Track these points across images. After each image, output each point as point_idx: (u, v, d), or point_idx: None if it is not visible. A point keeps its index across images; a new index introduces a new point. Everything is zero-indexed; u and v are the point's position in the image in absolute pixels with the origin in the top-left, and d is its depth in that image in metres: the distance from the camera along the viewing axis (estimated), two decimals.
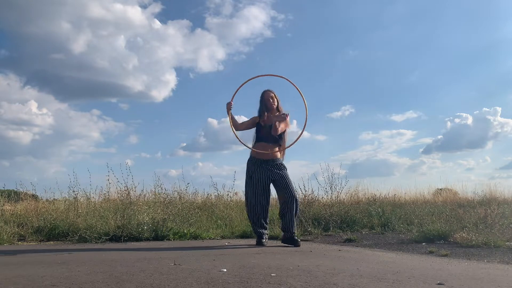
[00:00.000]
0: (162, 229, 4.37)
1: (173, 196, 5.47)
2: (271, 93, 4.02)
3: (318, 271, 2.28)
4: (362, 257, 3.06)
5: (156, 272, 2.24)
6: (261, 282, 1.96)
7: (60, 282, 1.94)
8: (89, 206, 4.89)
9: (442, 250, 3.36)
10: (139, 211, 4.46)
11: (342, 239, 4.46)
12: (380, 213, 5.95)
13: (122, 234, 4.14)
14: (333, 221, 5.40)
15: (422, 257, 3.14)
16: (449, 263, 2.79)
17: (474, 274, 2.31)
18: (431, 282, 1.99)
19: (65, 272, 2.25)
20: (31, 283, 1.92)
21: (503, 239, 3.71)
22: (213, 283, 1.92)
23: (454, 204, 6.92)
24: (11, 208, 5.19)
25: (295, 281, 1.98)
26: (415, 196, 8.38)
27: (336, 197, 5.97)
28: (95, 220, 4.33)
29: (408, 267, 2.52)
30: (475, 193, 8.26)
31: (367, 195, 7.14)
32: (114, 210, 4.56)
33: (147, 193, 5.37)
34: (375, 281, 2.00)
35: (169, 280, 1.99)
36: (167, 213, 4.62)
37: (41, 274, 2.17)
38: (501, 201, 6.95)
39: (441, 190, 9.07)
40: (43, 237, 4.36)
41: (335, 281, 1.98)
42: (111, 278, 2.04)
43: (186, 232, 4.52)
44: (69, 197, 5.06)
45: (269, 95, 3.99)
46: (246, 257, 2.96)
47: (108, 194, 5.15)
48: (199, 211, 5.31)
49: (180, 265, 2.49)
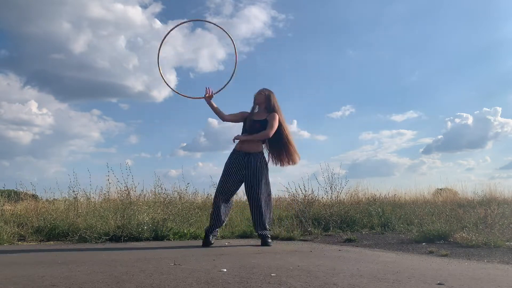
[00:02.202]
0: (162, 229, 4.37)
1: (173, 196, 5.46)
2: (264, 91, 4.01)
3: (318, 271, 2.28)
4: (362, 257, 3.06)
5: (156, 272, 2.24)
6: (261, 282, 1.96)
7: (60, 282, 1.94)
8: (89, 206, 4.88)
9: (442, 250, 3.36)
10: (139, 211, 4.45)
11: (342, 239, 4.45)
12: (380, 213, 5.95)
13: (122, 234, 4.14)
14: (333, 221, 5.39)
15: (422, 257, 3.14)
16: (449, 263, 2.79)
17: (474, 274, 2.31)
18: (431, 282, 1.99)
19: (65, 272, 2.25)
20: (31, 283, 1.92)
21: (503, 239, 3.71)
22: (213, 283, 1.92)
23: (454, 204, 6.92)
24: (11, 208, 5.19)
25: (295, 281, 1.98)
26: (415, 196, 8.38)
27: (336, 197, 5.96)
28: (95, 220, 4.33)
29: (408, 267, 2.52)
30: (475, 193, 8.26)
31: (367, 195, 7.14)
32: (114, 210, 4.56)
33: (147, 193, 5.37)
34: (375, 281, 2.00)
35: (169, 280, 1.99)
36: (167, 213, 4.62)
37: (41, 274, 2.17)
38: (501, 201, 6.95)
39: (441, 190, 9.07)
40: (43, 237, 4.36)
41: (335, 281, 1.98)
42: (111, 278, 2.04)
43: (186, 232, 4.52)
44: (69, 197, 5.06)
45: (259, 92, 4.02)
46: (246, 257, 2.96)
47: (108, 194, 5.15)
48: (199, 211, 5.31)
49: (180, 265, 2.49)
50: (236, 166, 3.85)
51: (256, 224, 3.89)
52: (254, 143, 3.90)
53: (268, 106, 3.98)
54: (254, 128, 3.89)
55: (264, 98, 3.99)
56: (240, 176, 3.85)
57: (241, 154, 3.88)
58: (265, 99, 3.98)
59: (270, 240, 3.88)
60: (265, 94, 4.00)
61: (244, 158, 3.86)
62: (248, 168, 3.83)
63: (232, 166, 3.86)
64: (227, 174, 3.86)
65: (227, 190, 3.84)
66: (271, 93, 4.03)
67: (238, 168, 3.84)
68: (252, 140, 3.88)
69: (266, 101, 3.98)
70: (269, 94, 4.00)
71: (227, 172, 3.87)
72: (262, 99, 4.00)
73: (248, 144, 3.88)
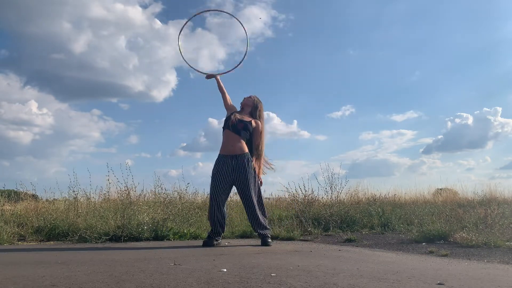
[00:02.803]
0: (162, 229, 4.37)
1: (173, 196, 5.46)
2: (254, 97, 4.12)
3: (318, 271, 2.28)
4: (362, 257, 3.06)
5: (156, 272, 2.24)
6: (261, 282, 1.96)
7: (60, 282, 1.94)
8: (89, 206, 4.89)
9: (442, 250, 3.36)
10: (139, 211, 4.46)
11: (342, 239, 4.45)
12: (380, 213, 5.95)
13: (122, 234, 4.14)
14: (333, 221, 5.40)
15: (422, 257, 3.14)
16: (449, 263, 2.79)
17: (474, 274, 2.31)
18: (431, 282, 1.99)
19: (65, 272, 2.25)
20: (31, 283, 1.92)
21: (503, 239, 3.71)
22: (213, 283, 1.92)
23: (454, 204, 6.93)
24: (11, 208, 5.19)
25: (295, 281, 1.98)
26: (415, 196, 8.39)
27: (336, 197, 5.97)
28: (95, 220, 4.34)
29: (408, 267, 2.52)
30: (475, 193, 8.27)
31: (367, 195, 7.15)
32: (114, 210, 4.56)
33: (147, 193, 5.37)
34: (375, 281, 2.00)
35: (169, 280, 1.99)
36: (167, 213, 4.62)
37: (41, 274, 2.17)
38: (501, 201, 6.96)
39: (441, 190, 9.08)
40: (43, 237, 4.36)
41: (335, 281, 1.98)
42: (111, 278, 2.04)
43: (186, 232, 4.52)
44: (69, 197, 5.06)
45: (249, 96, 4.13)
46: (246, 257, 2.96)
47: (108, 194, 5.15)
48: (199, 211, 5.31)
49: (180, 265, 2.49)
50: (225, 171, 3.84)
51: (253, 225, 3.90)
52: (239, 145, 3.91)
53: (253, 112, 4.08)
54: (236, 126, 3.93)
55: (252, 103, 4.09)
56: (230, 181, 3.85)
57: (227, 158, 3.88)
58: (252, 104, 4.09)
59: (270, 240, 3.88)
60: (254, 100, 4.11)
61: (231, 161, 3.86)
62: (237, 170, 3.83)
63: (220, 172, 3.85)
64: (216, 181, 3.85)
65: (218, 197, 3.83)
66: (260, 102, 4.14)
67: (226, 172, 3.84)
68: (238, 142, 3.90)
69: (253, 107, 4.08)
70: (258, 102, 4.12)
71: (215, 178, 3.85)
72: (250, 103, 4.10)
73: (233, 146, 3.90)
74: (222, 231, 3.89)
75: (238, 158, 3.86)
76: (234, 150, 3.89)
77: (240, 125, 3.94)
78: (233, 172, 3.83)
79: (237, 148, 3.89)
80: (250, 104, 4.08)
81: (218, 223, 3.83)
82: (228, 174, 3.84)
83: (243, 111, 4.10)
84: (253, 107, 4.07)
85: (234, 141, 3.91)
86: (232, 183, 3.87)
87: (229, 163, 3.85)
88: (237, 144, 3.90)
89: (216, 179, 3.85)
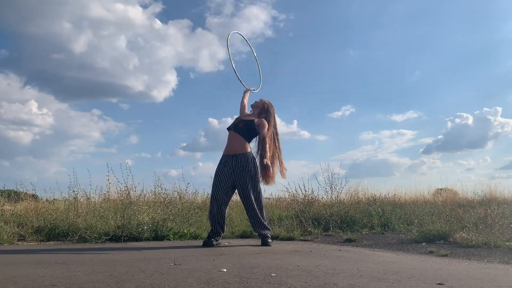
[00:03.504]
0: (162, 229, 4.37)
1: (173, 196, 5.46)
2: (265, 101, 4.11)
3: (318, 271, 2.28)
4: (362, 257, 3.06)
5: (156, 272, 2.24)
6: (261, 282, 1.96)
7: (60, 282, 1.94)
8: (89, 206, 4.88)
9: (442, 250, 3.36)
10: (139, 211, 4.46)
11: (342, 239, 4.45)
12: (380, 213, 5.95)
13: (122, 234, 4.14)
14: (333, 221, 5.40)
15: (422, 257, 3.14)
16: (449, 263, 2.79)
17: (474, 274, 2.31)
18: (431, 282, 1.99)
19: (65, 272, 2.25)
20: (31, 283, 1.92)
21: (503, 239, 3.71)
22: (213, 283, 1.92)
23: (454, 204, 6.93)
24: (11, 208, 5.19)
25: (295, 281, 1.98)
26: (415, 196, 8.39)
27: (336, 197, 5.97)
28: (95, 220, 4.33)
29: (408, 267, 2.52)
30: (475, 193, 8.27)
31: (367, 195, 7.15)
32: (114, 210, 4.56)
33: (147, 193, 5.37)
34: (375, 281, 2.00)
35: (169, 280, 1.99)
36: (167, 213, 4.62)
37: (41, 274, 2.17)
38: (501, 201, 6.96)
39: (441, 190, 9.08)
40: (43, 237, 4.36)
41: (335, 281, 1.98)
42: (111, 278, 2.04)
43: (186, 232, 4.52)
44: (69, 197, 5.06)
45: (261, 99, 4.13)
46: (246, 257, 2.96)
47: (108, 194, 5.15)
48: (199, 211, 5.31)
49: (180, 265, 2.49)
50: (226, 171, 3.85)
51: (253, 225, 3.90)
52: (239, 144, 3.91)
53: (261, 113, 4.03)
54: (237, 126, 3.95)
55: (261, 105, 4.08)
56: (231, 181, 3.85)
57: (229, 158, 3.89)
58: (261, 106, 4.07)
59: (270, 240, 3.88)
60: (264, 102, 4.09)
61: (232, 160, 3.86)
62: (236, 169, 3.83)
63: (221, 172, 3.86)
64: (216, 181, 3.86)
65: (219, 197, 3.83)
66: (272, 106, 4.11)
67: (227, 172, 3.84)
68: (238, 141, 3.90)
69: (262, 108, 4.06)
70: (269, 105, 4.09)
71: (216, 178, 3.87)
72: (259, 105, 4.08)
73: (234, 146, 3.90)
74: (222, 231, 3.89)
75: (238, 157, 3.86)
76: (235, 149, 3.89)
77: (241, 124, 3.95)
78: (233, 172, 3.84)
79: (237, 148, 3.89)
80: (260, 106, 4.07)
81: (218, 223, 3.83)
82: (229, 174, 3.84)
83: (252, 113, 4.11)
84: (262, 108, 4.05)
85: (235, 140, 3.92)
86: (233, 183, 3.87)
87: (230, 162, 3.86)
88: (237, 144, 3.90)
89: (216, 179, 3.86)
